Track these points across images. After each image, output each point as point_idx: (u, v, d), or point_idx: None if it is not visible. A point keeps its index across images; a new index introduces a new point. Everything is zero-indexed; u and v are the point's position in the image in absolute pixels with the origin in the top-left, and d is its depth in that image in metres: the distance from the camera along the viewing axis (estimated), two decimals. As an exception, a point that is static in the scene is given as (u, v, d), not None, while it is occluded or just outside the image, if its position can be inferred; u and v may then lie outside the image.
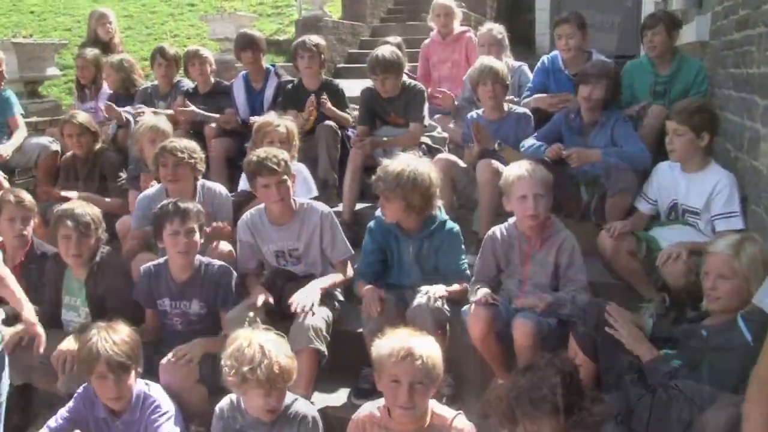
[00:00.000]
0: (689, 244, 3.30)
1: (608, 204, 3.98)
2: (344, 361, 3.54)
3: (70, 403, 3.13)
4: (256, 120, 4.58)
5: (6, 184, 5.03)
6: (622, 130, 4.11)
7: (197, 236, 3.53)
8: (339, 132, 4.95)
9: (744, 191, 3.48)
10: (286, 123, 4.35)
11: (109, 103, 5.46)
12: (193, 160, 4.07)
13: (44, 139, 5.57)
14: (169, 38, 10.25)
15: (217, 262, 3.64)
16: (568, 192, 4.15)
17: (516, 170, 3.41)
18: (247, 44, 5.46)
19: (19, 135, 5.48)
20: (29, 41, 6.50)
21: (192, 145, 4.14)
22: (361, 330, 3.46)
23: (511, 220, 3.51)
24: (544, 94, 4.80)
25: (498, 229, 3.55)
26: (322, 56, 5.17)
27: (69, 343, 3.39)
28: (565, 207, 4.13)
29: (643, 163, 3.97)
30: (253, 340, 2.72)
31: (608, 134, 4.14)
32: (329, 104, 4.97)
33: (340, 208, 4.76)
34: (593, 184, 4.16)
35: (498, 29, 5.41)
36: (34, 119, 6.14)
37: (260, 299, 3.47)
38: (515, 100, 4.91)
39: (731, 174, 3.54)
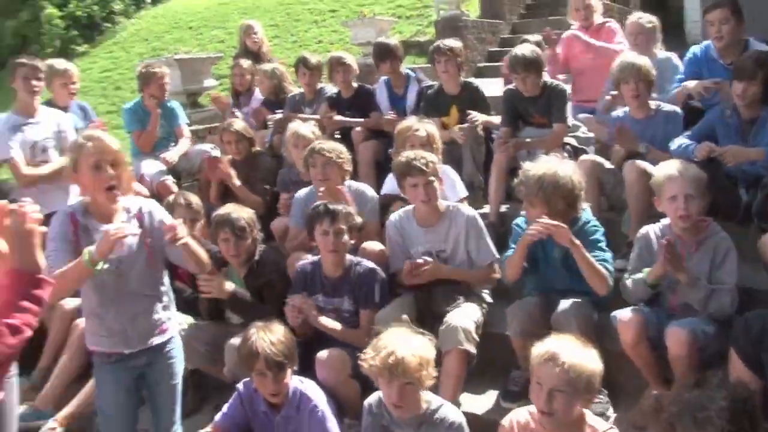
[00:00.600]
0: None
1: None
2: (494, 363, 3.57)
3: (231, 400, 3.35)
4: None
5: (175, 188, 5.46)
6: (789, 123, 3.77)
7: (346, 236, 3.68)
8: (483, 134, 4.96)
9: None
10: (426, 126, 4.40)
11: (260, 108, 5.76)
12: (340, 160, 4.25)
13: (206, 146, 6.01)
14: (313, 44, 10.70)
15: (366, 263, 3.77)
16: (726, 194, 3.82)
17: (666, 169, 3.30)
18: (383, 55, 5.57)
19: (185, 142, 5.91)
20: (189, 56, 7.02)
21: (339, 146, 4.34)
22: (509, 332, 3.47)
23: (665, 220, 3.39)
24: (695, 81, 4.48)
25: (652, 229, 3.44)
26: (459, 59, 5.15)
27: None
28: (724, 210, 3.80)
29: None
30: (386, 333, 2.83)
31: (772, 129, 3.81)
32: (479, 118, 4.95)
33: (486, 209, 4.76)
34: (755, 184, 3.80)
35: (648, 18, 5.15)
36: (195, 127, 6.63)
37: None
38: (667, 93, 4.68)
39: None
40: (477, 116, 4.94)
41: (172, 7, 15.40)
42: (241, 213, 3.99)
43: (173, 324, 3.19)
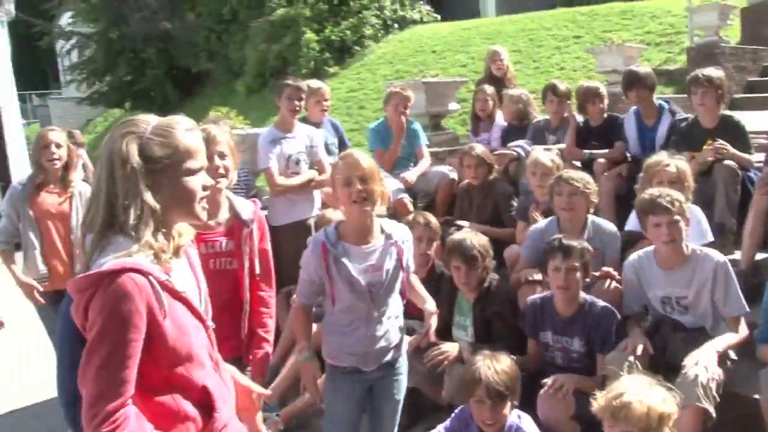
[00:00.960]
0: None
1: None
2: (733, 426, 3.23)
3: (447, 422, 3.34)
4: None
5: (411, 207, 5.65)
6: None
7: (579, 274, 3.55)
8: (739, 173, 4.54)
9: None
10: (677, 163, 4.12)
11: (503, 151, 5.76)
12: (587, 191, 4.13)
13: (444, 168, 6.12)
14: (555, 71, 10.53)
15: (601, 303, 3.61)
16: None
17: None
18: (632, 82, 5.33)
19: (424, 163, 6.10)
20: (435, 80, 7.24)
21: (587, 176, 4.23)
22: (757, 396, 3.14)
23: None
24: None
25: None
26: (719, 90, 4.79)
27: (452, 348, 3.84)
28: None
29: None
30: (628, 377, 2.64)
31: None
32: (728, 148, 4.60)
33: (736, 256, 4.36)
34: None
35: None
36: (435, 149, 6.80)
37: (639, 348, 3.33)
38: None
39: None
40: (729, 147, 4.56)
41: (417, 31, 16.02)
42: (474, 240, 3.98)
43: (405, 341, 3.27)
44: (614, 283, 3.87)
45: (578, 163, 5.43)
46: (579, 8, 14.21)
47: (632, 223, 4.31)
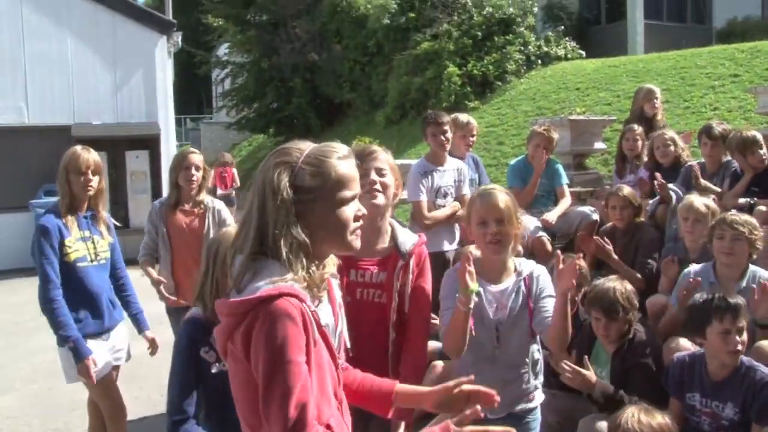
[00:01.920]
0: None
1: None
2: None
3: None
4: None
5: (549, 246, 5.48)
6: None
7: (746, 335, 3.25)
8: None
9: None
10: None
11: (662, 181, 5.45)
12: (753, 237, 3.86)
13: (586, 208, 5.91)
14: (708, 112, 9.97)
15: (762, 370, 3.28)
16: None
17: None
18: None
19: (564, 203, 5.91)
20: (582, 118, 7.04)
21: (753, 221, 3.95)
22: None
23: None
24: None
25: None
26: None
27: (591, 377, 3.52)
28: None
29: None
30: None
31: None
32: None
33: None
34: None
35: None
36: (578, 189, 6.59)
37: None
38: None
39: None
40: None
41: (561, 68, 15.76)
42: (617, 292, 3.72)
43: (540, 393, 3.10)
44: None
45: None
46: (739, 45, 13.43)
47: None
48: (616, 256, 4.87)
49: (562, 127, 6.68)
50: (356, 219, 1.81)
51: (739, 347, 3.22)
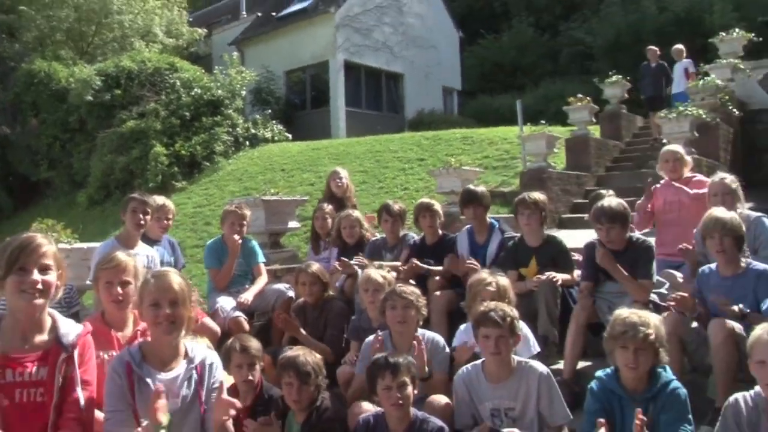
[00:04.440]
0: None
1: None
2: None
3: None
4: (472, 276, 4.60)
5: (246, 326, 5.47)
6: None
7: (410, 389, 3.51)
8: (560, 288, 4.79)
9: None
10: (497, 281, 4.30)
11: (343, 259, 5.80)
12: (419, 304, 4.18)
13: (281, 286, 6.04)
14: (399, 191, 10.92)
15: (434, 421, 3.56)
16: None
17: (757, 331, 3.06)
18: (469, 200, 5.58)
19: (261, 281, 5.97)
20: (275, 198, 7.23)
21: (417, 290, 4.28)
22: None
23: (758, 387, 3.09)
24: None
25: (742, 397, 3.13)
26: (543, 213, 5.13)
27: None
28: None
29: None
30: None
31: None
32: (557, 278, 4.80)
33: (560, 365, 4.56)
34: None
35: (731, 179, 5.07)
36: (274, 267, 6.71)
37: None
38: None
39: None
40: (556, 276, 4.80)
41: (268, 149, 16.23)
42: (308, 357, 3.91)
43: None
44: (445, 399, 3.85)
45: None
46: (425, 133, 15.04)
47: (459, 338, 4.39)
48: (303, 332, 5.02)
49: (256, 207, 6.82)
50: None
51: (400, 402, 3.46)
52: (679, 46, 13.44)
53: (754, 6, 22.55)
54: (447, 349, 4.28)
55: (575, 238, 5.78)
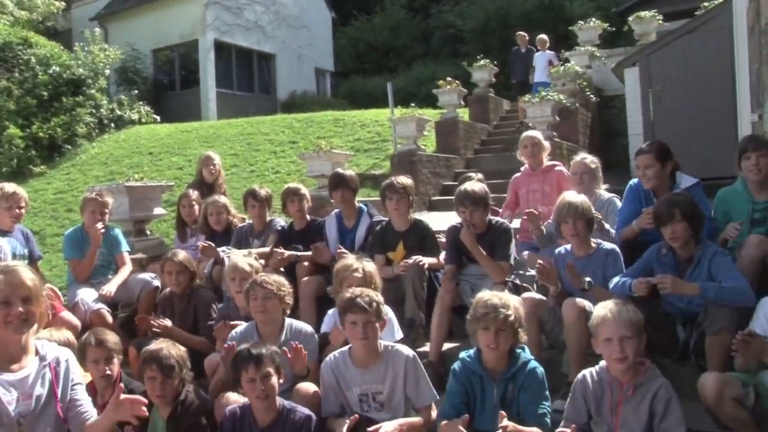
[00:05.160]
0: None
1: (707, 344, 3.72)
2: None
3: None
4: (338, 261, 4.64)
5: (110, 318, 5.29)
6: (721, 263, 3.86)
7: (274, 379, 3.52)
8: (426, 272, 4.93)
9: None
10: (363, 266, 4.37)
11: (207, 242, 5.71)
12: (282, 293, 4.17)
13: (147, 275, 5.86)
14: (270, 175, 10.81)
15: (301, 410, 3.59)
16: (664, 331, 3.94)
17: (600, 311, 3.33)
18: (338, 184, 5.62)
19: (125, 271, 5.78)
20: (140, 184, 6.98)
21: (281, 279, 4.26)
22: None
23: (603, 362, 3.37)
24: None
25: (589, 372, 3.42)
26: (411, 197, 5.24)
27: None
28: (661, 347, 3.91)
29: (746, 300, 3.68)
30: None
31: (706, 269, 3.90)
32: (423, 262, 4.92)
33: (427, 348, 4.70)
34: (691, 322, 3.92)
35: (591, 159, 5.39)
36: (139, 256, 6.50)
37: None
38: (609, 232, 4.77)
39: None
40: (422, 259, 4.93)
41: (135, 132, 15.58)
42: (172, 350, 3.81)
43: None
44: (313, 387, 3.88)
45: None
46: (297, 115, 14.92)
47: (327, 323, 4.45)
48: (174, 328, 4.86)
49: (119, 193, 6.57)
50: None
51: (265, 393, 3.47)
52: (544, 36, 13.98)
53: (609, -3, 23.95)
54: (316, 337, 4.31)
55: (445, 220, 5.95)
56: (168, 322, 4.85)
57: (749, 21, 7.27)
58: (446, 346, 4.75)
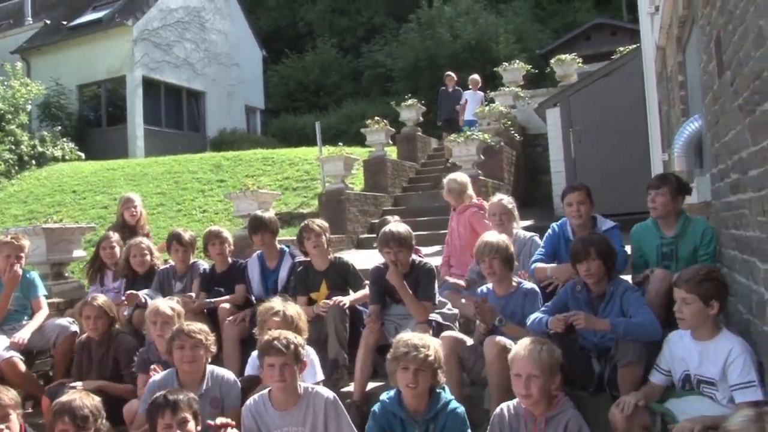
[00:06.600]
0: (706, 418, 3.14)
1: (619, 376, 3.85)
2: None
3: None
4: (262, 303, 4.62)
5: (21, 367, 5.10)
6: (631, 299, 4.02)
7: (191, 425, 3.46)
8: (347, 312, 4.95)
9: (759, 357, 3.32)
10: (285, 309, 4.34)
11: (133, 291, 5.59)
12: (208, 342, 4.13)
13: (64, 320, 5.67)
14: (198, 214, 10.69)
15: None
16: (580, 365, 4.06)
17: (516, 347, 3.46)
18: (257, 227, 5.61)
19: (40, 316, 5.58)
20: (58, 226, 6.78)
21: (205, 327, 4.21)
22: None
23: None
24: (556, 264, 4.82)
25: (506, 407, 3.53)
26: (326, 236, 5.30)
27: None
28: (579, 380, 4.03)
29: (652, 334, 3.83)
30: None
31: (618, 304, 4.05)
32: (344, 302, 4.98)
33: (351, 387, 4.70)
34: (605, 355, 4.07)
35: (507, 200, 5.55)
36: (57, 300, 6.29)
37: None
38: (525, 275, 4.91)
39: (744, 341, 3.38)
40: (343, 299, 4.97)
41: (58, 169, 15.20)
42: (86, 400, 3.65)
43: None
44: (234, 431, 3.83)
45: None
46: (225, 153, 14.83)
47: (251, 366, 4.39)
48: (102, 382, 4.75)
49: (36, 235, 6.37)
50: None
51: None
52: (476, 76, 14.15)
53: (533, 40, 24.86)
54: (238, 384, 4.26)
55: (373, 258, 5.99)
56: (78, 385, 4.66)
57: (657, 67, 7.70)
58: (371, 385, 4.74)
